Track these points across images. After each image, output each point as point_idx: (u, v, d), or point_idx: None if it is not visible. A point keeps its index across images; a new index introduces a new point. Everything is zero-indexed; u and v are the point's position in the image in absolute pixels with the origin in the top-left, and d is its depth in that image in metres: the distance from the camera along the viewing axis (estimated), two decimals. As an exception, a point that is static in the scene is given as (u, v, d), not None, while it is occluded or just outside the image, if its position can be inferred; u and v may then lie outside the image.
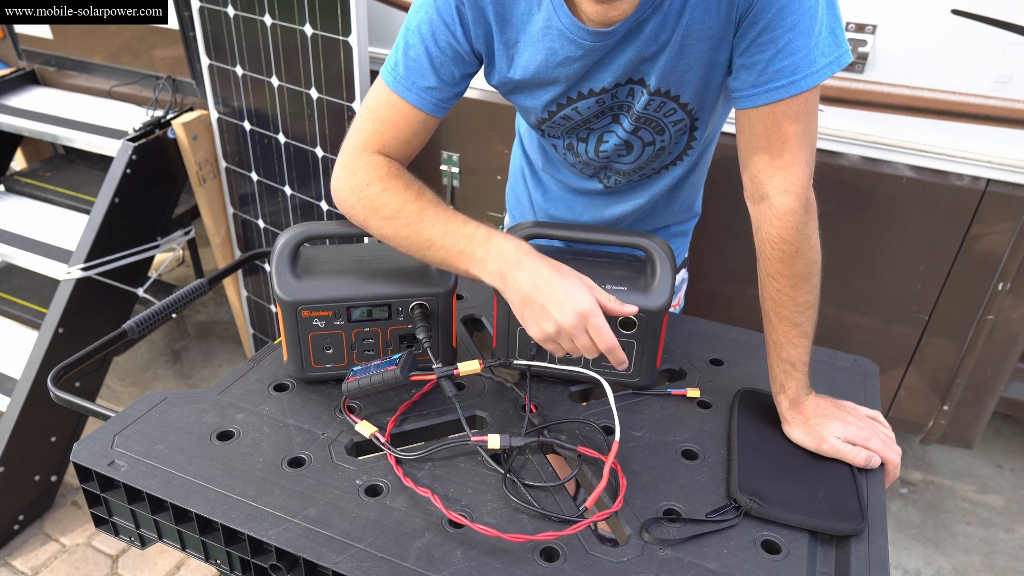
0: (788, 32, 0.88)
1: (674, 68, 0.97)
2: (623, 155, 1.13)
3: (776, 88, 0.91)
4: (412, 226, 0.96)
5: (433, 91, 1.01)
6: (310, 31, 1.90)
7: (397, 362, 0.93)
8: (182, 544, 0.89)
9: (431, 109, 1.02)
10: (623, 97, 1.03)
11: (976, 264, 1.67)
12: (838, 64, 0.91)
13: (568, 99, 1.04)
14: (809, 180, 0.95)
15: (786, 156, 0.93)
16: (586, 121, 1.08)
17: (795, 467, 0.93)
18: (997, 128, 1.54)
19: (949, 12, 1.47)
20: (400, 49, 1.01)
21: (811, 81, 0.90)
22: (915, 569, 2.12)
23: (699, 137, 1.11)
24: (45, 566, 2.08)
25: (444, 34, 0.98)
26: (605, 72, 0.99)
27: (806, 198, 0.94)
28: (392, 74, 1.01)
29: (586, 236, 1.07)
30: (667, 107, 1.02)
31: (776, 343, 0.98)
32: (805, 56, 0.89)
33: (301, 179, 2.19)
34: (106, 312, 2.30)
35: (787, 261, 0.95)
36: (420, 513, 0.84)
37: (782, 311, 0.97)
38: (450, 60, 1.00)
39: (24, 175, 2.68)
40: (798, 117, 0.92)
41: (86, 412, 1.04)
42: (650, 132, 1.07)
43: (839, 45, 0.91)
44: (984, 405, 1.85)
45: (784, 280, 0.95)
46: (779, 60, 0.90)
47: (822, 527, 0.84)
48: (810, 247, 0.95)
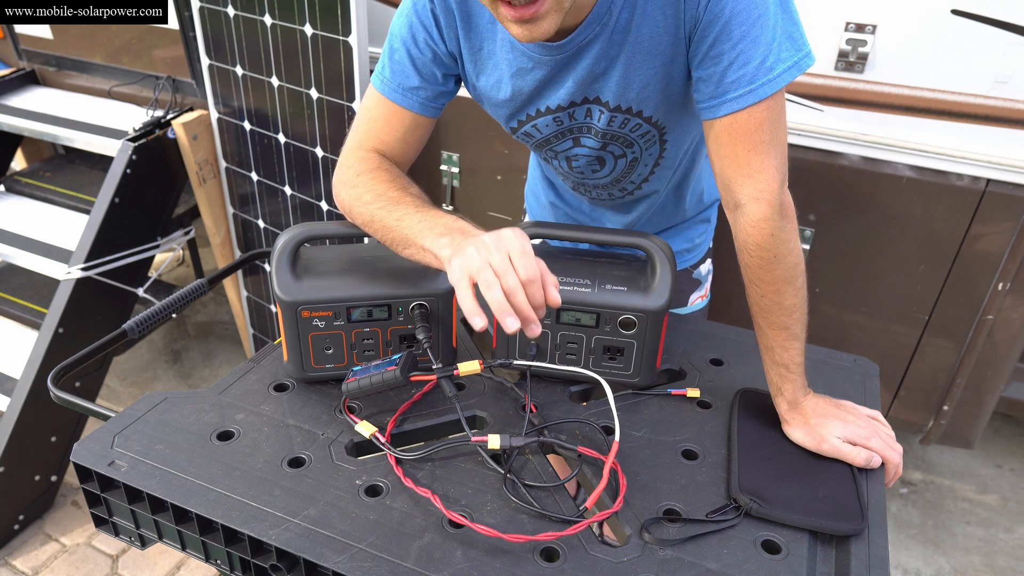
0: (739, 43, 0.88)
1: (628, 85, 0.98)
2: (596, 170, 1.15)
3: (734, 98, 0.91)
4: (386, 208, 0.98)
5: (418, 91, 1.06)
6: (310, 31, 1.90)
7: (397, 362, 0.93)
8: (182, 544, 0.89)
9: (418, 108, 1.06)
10: (581, 118, 1.05)
11: (976, 264, 1.67)
12: (798, 68, 0.91)
13: (527, 115, 1.07)
14: (781, 185, 0.94)
15: (754, 164, 0.92)
16: (547, 141, 1.11)
17: (795, 467, 0.93)
18: (997, 128, 1.54)
19: (949, 12, 1.47)
20: (386, 54, 1.07)
21: (769, 89, 0.89)
22: (915, 569, 2.12)
23: (671, 144, 1.11)
24: (45, 566, 2.08)
25: (423, 35, 1.02)
26: (559, 89, 1.01)
27: (779, 203, 0.93)
28: (380, 78, 1.07)
29: (586, 236, 1.07)
30: (632, 123, 1.04)
31: (768, 347, 0.98)
32: (760, 65, 0.88)
33: (301, 179, 2.19)
34: (106, 312, 2.30)
35: (766, 268, 0.94)
36: (420, 513, 0.84)
37: (769, 316, 0.97)
38: (430, 60, 1.04)
39: (24, 175, 2.68)
40: (762, 124, 0.91)
41: (86, 412, 1.04)
42: (619, 146, 1.09)
43: (798, 49, 0.90)
44: (984, 405, 1.85)
45: (767, 286, 0.95)
46: (734, 71, 0.89)
47: (822, 527, 0.84)
48: (788, 251, 0.94)
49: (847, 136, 1.66)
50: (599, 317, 1.01)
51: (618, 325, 1.01)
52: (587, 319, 1.01)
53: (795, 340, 0.97)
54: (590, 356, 1.05)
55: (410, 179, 1.05)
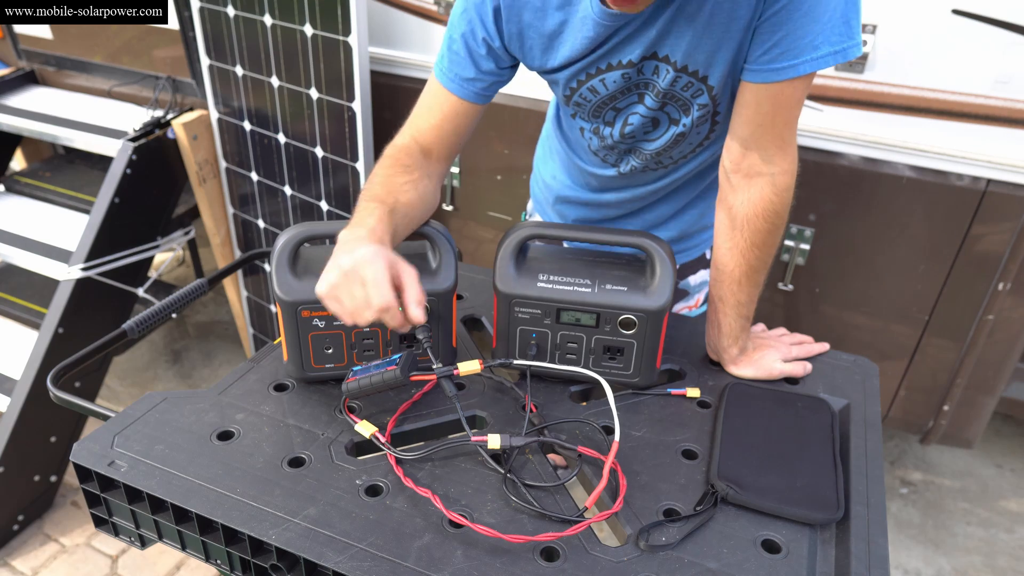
0: (799, 17, 0.91)
1: (699, 46, 0.98)
2: (649, 132, 1.14)
3: (776, 69, 0.95)
4: (368, 191, 1.03)
5: (473, 82, 1.11)
6: (310, 31, 1.90)
7: (397, 362, 0.93)
8: (182, 544, 0.89)
9: (473, 98, 1.12)
10: (648, 74, 1.05)
11: (976, 264, 1.67)
12: (843, 56, 0.93)
13: (597, 69, 1.06)
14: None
15: (786, 136, 1.00)
16: (612, 97, 1.10)
17: (777, 456, 0.94)
18: (997, 128, 1.54)
19: (949, 12, 1.47)
20: (445, 43, 1.12)
21: (809, 67, 0.93)
22: (915, 569, 2.12)
23: (719, 129, 1.12)
24: (45, 566, 2.08)
25: (481, 30, 1.07)
26: (633, 45, 1.01)
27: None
28: (439, 66, 1.13)
29: (586, 236, 1.07)
30: (694, 87, 1.04)
31: (739, 303, 1.07)
32: (810, 42, 0.91)
33: (301, 179, 2.19)
34: (106, 312, 2.30)
35: (774, 232, 1.04)
36: (420, 513, 0.84)
37: (755, 275, 1.07)
38: (486, 54, 1.09)
39: (24, 175, 2.68)
40: (800, 100, 0.98)
41: (86, 412, 1.04)
42: (676, 109, 1.09)
43: (850, 37, 0.92)
44: (984, 405, 1.85)
45: (768, 249, 1.05)
46: (786, 43, 0.93)
47: (796, 515, 0.85)
48: (787, 218, 1.06)
49: (847, 136, 1.66)
50: (599, 317, 1.01)
51: (618, 325, 1.01)
52: (587, 319, 1.01)
53: (759, 294, 1.09)
54: (590, 356, 1.05)
55: (416, 174, 1.07)
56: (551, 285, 1.01)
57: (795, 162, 1.03)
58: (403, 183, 1.04)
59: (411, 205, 1.03)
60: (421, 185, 1.06)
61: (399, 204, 1.01)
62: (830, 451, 0.94)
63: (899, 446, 2.56)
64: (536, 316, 1.03)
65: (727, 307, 1.08)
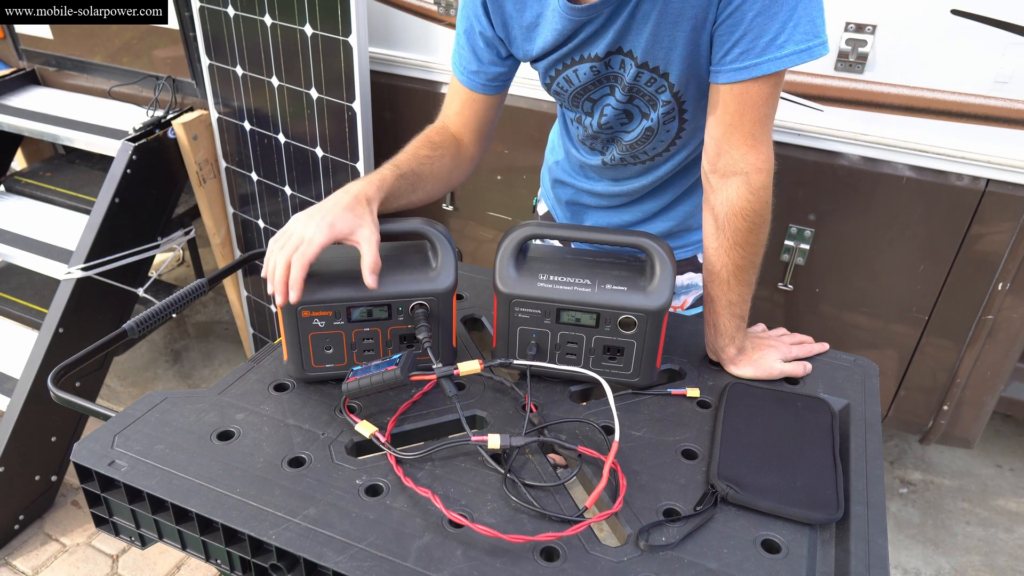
0: (758, 15, 0.92)
1: (657, 42, 1.02)
2: (625, 123, 1.18)
3: (738, 69, 0.96)
4: (393, 157, 1.10)
5: (478, 74, 1.18)
6: (310, 31, 1.90)
7: (397, 362, 0.93)
8: (182, 544, 0.89)
9: (480, 88, 1.19)
10: (615, 68, 1.09)
11: (976, 264, 1.67)
12: (809, 54, 0.94)
13: (572, 60, 1.11)
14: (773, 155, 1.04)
15: (758, 135, 1.01)
16: (585, 88, 1.14)
17: (777, 456, 0.94)
18: (997, 128, 1.54)
19: (949, 12, 1.47)
20: (455, 38, 1.20)
21: (774, 66, 0.94)
22: (915, 569, 2.12)
23: (689, 128, 1.15)
24: (45, 566, 2.08)
25: (477, 24, 1.14)
26: (600, 40, 1.05)
27: (772, 174, 1.03)
28: (452, 60, 1.22)
29: (586, 236, 1.07)
30: (657, 83, 1.08)
31: (730, 302, 1.08)
32: (772, 41, 0.92)
33: (301, 179, 2.19)
34: (106, 312, 2.30)
35: (756, 231, 1.05)
36: (420, 513, 0.84)
37: (743, 275, 1.07)
38: (484, 46, 1.16)
39: (24, 175, 2.68)
40: (769, 98, 0.99)
41: (86, 412, 1.04)
42: (645, 104, 1.13)
43: (816, 35, 0.93)
44: (984, 405, 1.85)
45: (751, 248, 1.06)
46: (746, 42, 0.94)
47: (795, 515, 0.85)
48: (770, 217, 1.06)
49: (847, 136, 1.66)
50: (599, 317, 1.01)
51: (618, 325, 1.01)
52: (587, 319, 1.01)
53: (752, 292, 1.10)
54: (590, 356, 1.05)
55: (440, 151, 1.15)
56: (551, 285, 1.02)
57: (770, 160, 1.03)
58: (424, 155, 1.13)
59: (421, 176, 1.10)
60: (442, 161, 1.15)
61: (411, 171, 1.08)
62: (830, 451, 0.95)
63: (899, 446, 2.56)
64: (536, 316, 1.03)
65: (719, 307, 1.09)
